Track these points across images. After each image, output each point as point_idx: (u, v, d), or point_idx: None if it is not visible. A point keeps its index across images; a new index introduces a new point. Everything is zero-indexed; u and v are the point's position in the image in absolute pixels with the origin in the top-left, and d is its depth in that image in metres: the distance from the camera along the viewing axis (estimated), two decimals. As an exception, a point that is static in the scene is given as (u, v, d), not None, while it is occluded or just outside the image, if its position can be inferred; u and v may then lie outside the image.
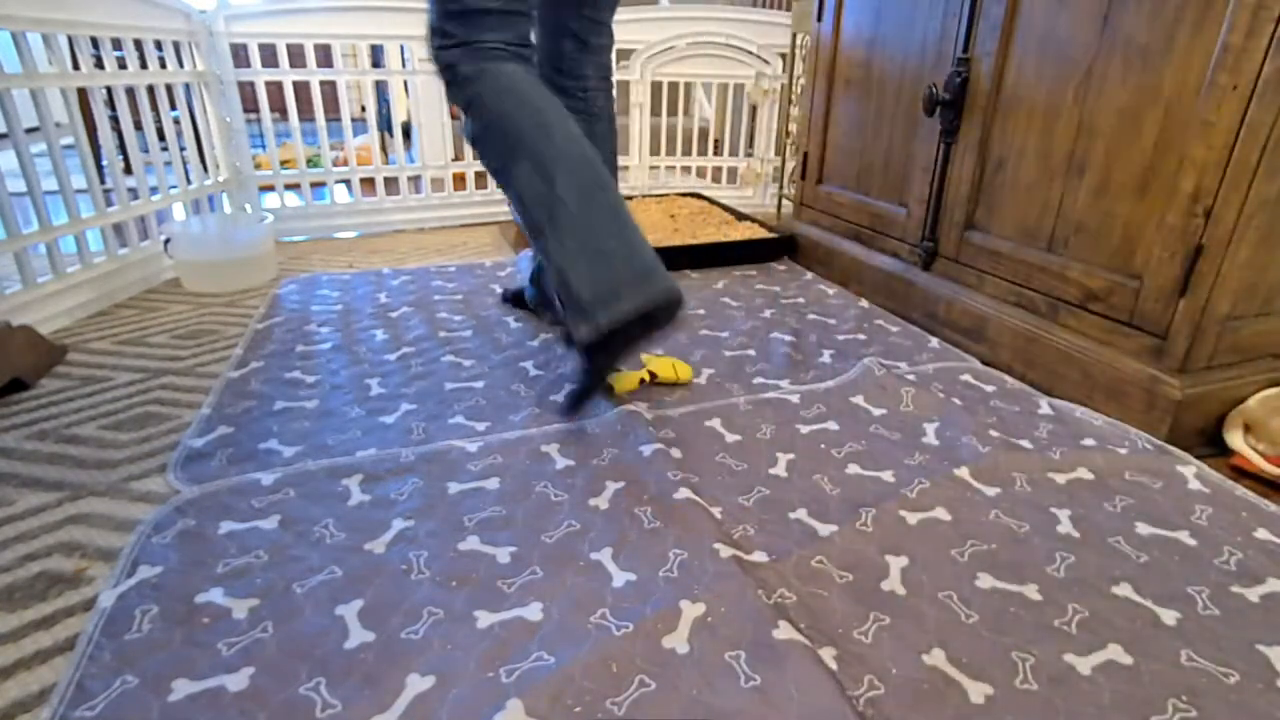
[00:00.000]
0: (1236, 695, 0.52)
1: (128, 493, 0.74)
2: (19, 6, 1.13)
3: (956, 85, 1.12)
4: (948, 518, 0.71)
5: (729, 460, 0.81)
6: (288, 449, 0.82)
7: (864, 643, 0.56)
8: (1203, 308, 0.82)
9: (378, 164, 1.91)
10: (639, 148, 2.16)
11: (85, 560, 0.64)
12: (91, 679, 0.51)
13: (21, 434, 0.85)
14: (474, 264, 1.57)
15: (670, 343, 1.14)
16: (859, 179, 1.44)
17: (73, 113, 1.26)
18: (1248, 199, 0.77)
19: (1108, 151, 0.92)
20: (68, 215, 1.23)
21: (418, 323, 1.21)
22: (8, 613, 0.58)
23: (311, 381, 0.99)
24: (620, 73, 2.07)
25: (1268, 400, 0.85)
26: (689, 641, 0.55)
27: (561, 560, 0.64)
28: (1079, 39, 0.94)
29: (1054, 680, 0.53)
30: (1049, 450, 0.83)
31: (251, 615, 0.57)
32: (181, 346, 1.11)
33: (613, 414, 0.89)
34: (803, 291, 1.41)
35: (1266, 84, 0.73)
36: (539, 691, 0.50)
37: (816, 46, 1.52)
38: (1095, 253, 0.95)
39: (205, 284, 1.38)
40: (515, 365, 1.05)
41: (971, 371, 1.05)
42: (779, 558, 0.65)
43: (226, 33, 1.66)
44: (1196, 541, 0.68)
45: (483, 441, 0.83)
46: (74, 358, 1.06)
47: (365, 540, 0.66)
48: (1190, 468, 0.80)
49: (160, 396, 0.95)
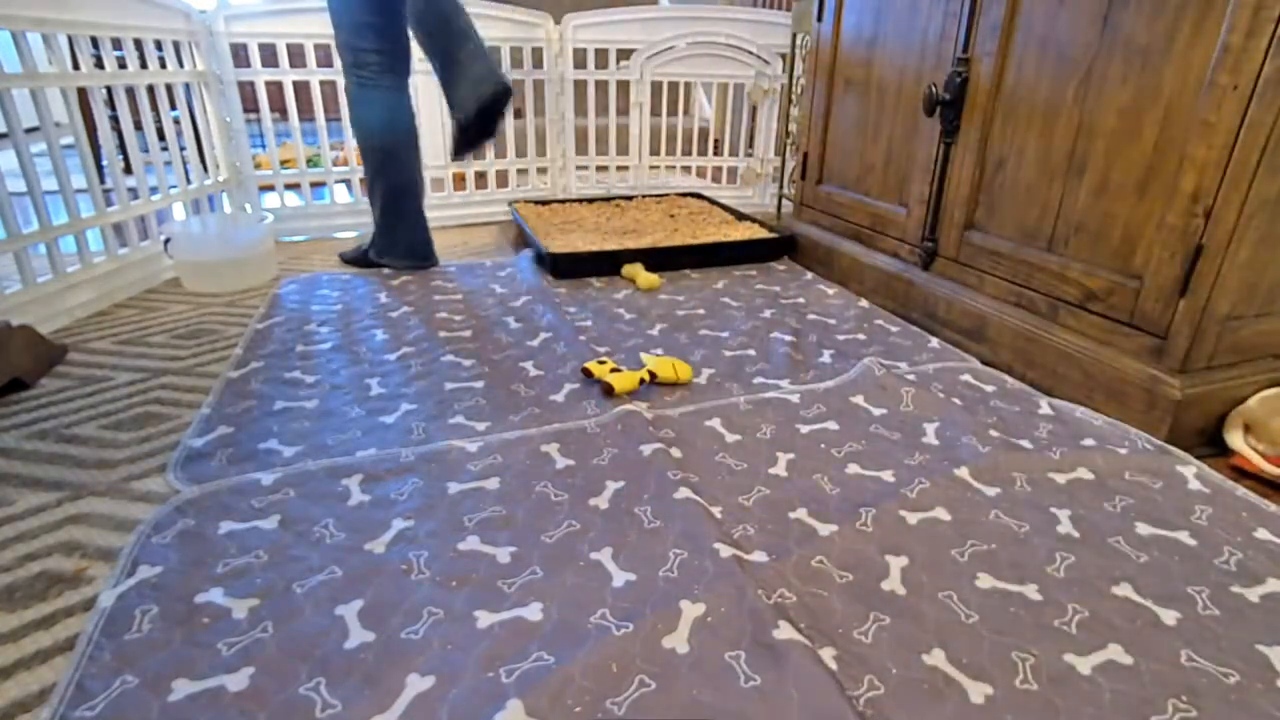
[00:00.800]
0: (1236, 695, 0.52)
1: (128, 493, 0.74)
2: (19, 6, 1.13)
3: (956, 85, 1.12)
4: (948, 518, 0.71)
5: (729, 460, 0.81)
6: (288, 449, 0.82)
7: (864, 643, 0.56)
8: (1203, 308, 0.82)
9: (378, 164, 1.91)
10: (639, 147, 2.16)
11: (85, 560, 0.64)
12: (91, 679, 0.51)
13: (21, 434, 0.85)
14: (474, 264, 1.57)
15: (670, 343, 1.14)
16: (859, 179, 1.44)
17: (73, 113, 1.26)
18: (1248, 199, 0.77)
19: (1108, 151, 0.92)
20: (68, 215, 1.23)
21: (418, 323, 1.21)
22: (8, 613, 0.58)
23: (311, 381, 0.99)
24: (620, 73, 2.07)
25: (1268, 400, 0.85)
26: (689, 641, 0.55)
27: (561, 560, 0.64)
28: (1079, 39, 0.94)
29: (1054, 680, 0.53)
30: (1049, 450, 0.83)
31: (251, 615, 0.57)
32: (181, 346, 1.11)
33: (613, 414, 0.89)
34: (803, 291, 1.41)
35: (1266, 84, 0.73)
36: (539, 691, 0.50)
37: (816, 46, 1.52)
38: (1095, 253, 0.95)
39: (205, 284, 1.38)
40: (515, 365, 1.05)
41: (971, 371, 1.05)
42: (779, 558, 0.65)
43: (226, 32, 1.66)
44: (1196, 541, 0.68)
45: (483, 441, 0.83)
46: (74, 358, 1.06)
47: (365, 540, 0.66)
48: (1190, 468, 0.80)
49: (160, 396, 0.95)
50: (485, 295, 1.36)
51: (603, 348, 1.12)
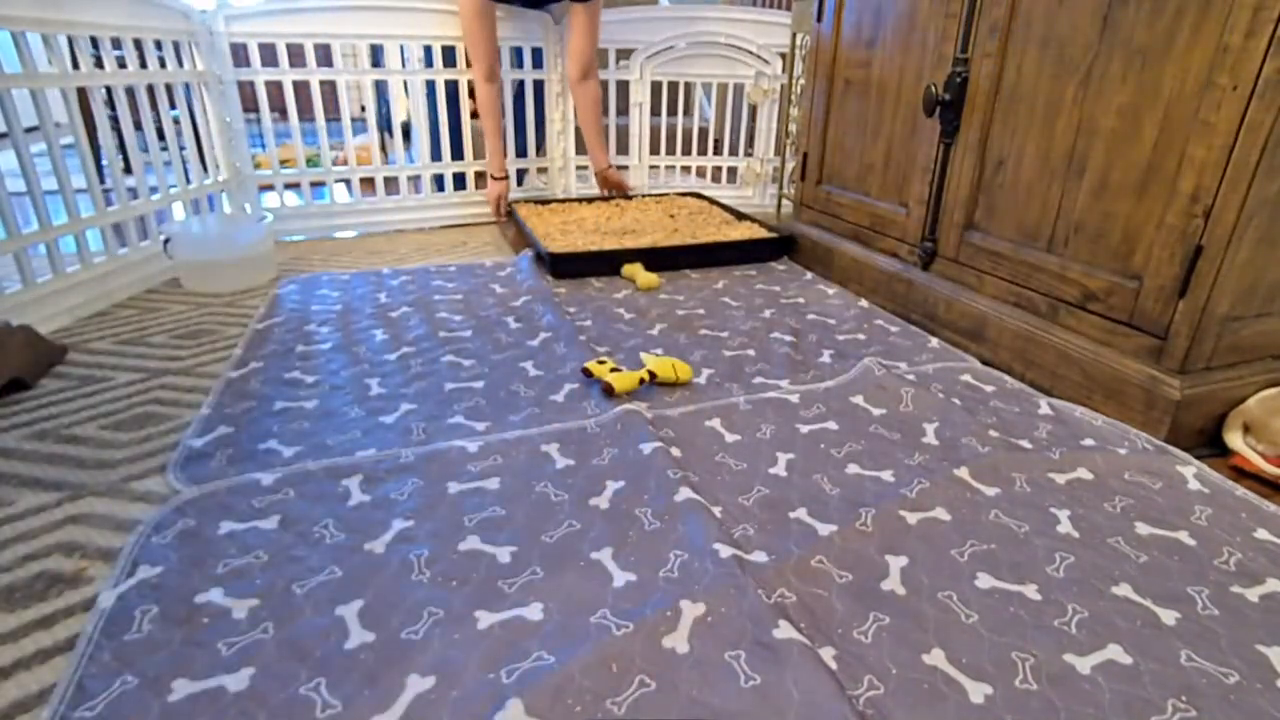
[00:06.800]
0: (1236, 695, 0.52)
1: (128, 493, 0.74)
2: (19, 6, 1.13)
3: (956, 85, 1.12)
4: (948, 518, 0.71)
5: (729, 460, 0.81)
6: (288, 449, 0.82)
7: (864, 643, 0.56)
8: (1202, 308, 0.82)
9: (377, 164, 1.91)
10: (639, 147, 2.16)
11: (85, 560, 0.64)
12: (91, 679, 0.51)
13: (21, 434, 0.85)
14: (474, 264, 1.57)
15: (670, 343, 1.14)
16: (859, 179, 1.44)
17: (72, 112, 1.26)
18: (1247, 199, 0.77)
19: (1107, 152, 0.92)
20: (67, 215, 1.23)
21: (418, 323, 1.21)
22: (8, 613, 0.58)
23: (311, 381, 0.99)
24: (620, 72, 2.07)
25: (1267, 400, 0.85)
26: (689, 641, 0.55)
27: (562, 560, 0.64)
28: (1079, 39, 0.94)
29: (1054, 680, 0.53)
30: (1049, 450, 0.83)
31: (251, 615, 0.57)
32: (181, 346, 1.11)
33: (613, 414, 0.89)
34: (803, 291, 1.41)
35: (1266, 84, 0.73)
36: (539, 691, 0.50)
37: (816, 46, 1.52)
38: (1095, 253, 0.95)
39: (205, 284, 1.38)
40: (515, 365, 1.05)
41: (971, 371, 1.05)
42: (779, 558, 0.65)
43: (226, 32, 1.66)
44: (1196, 542, 0.68)
45: (483, 441, 0.83)
46: (74, 358, 1.06)
47: (365, 540, 0.66)
48: (1190, 468, 0.80)
49: (160, 396, 0.95)
50: (485, 295, 1.36)
51: (603, 348, 1.12)
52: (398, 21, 1.80)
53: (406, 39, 1.84)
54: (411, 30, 1.82)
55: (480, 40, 1.79)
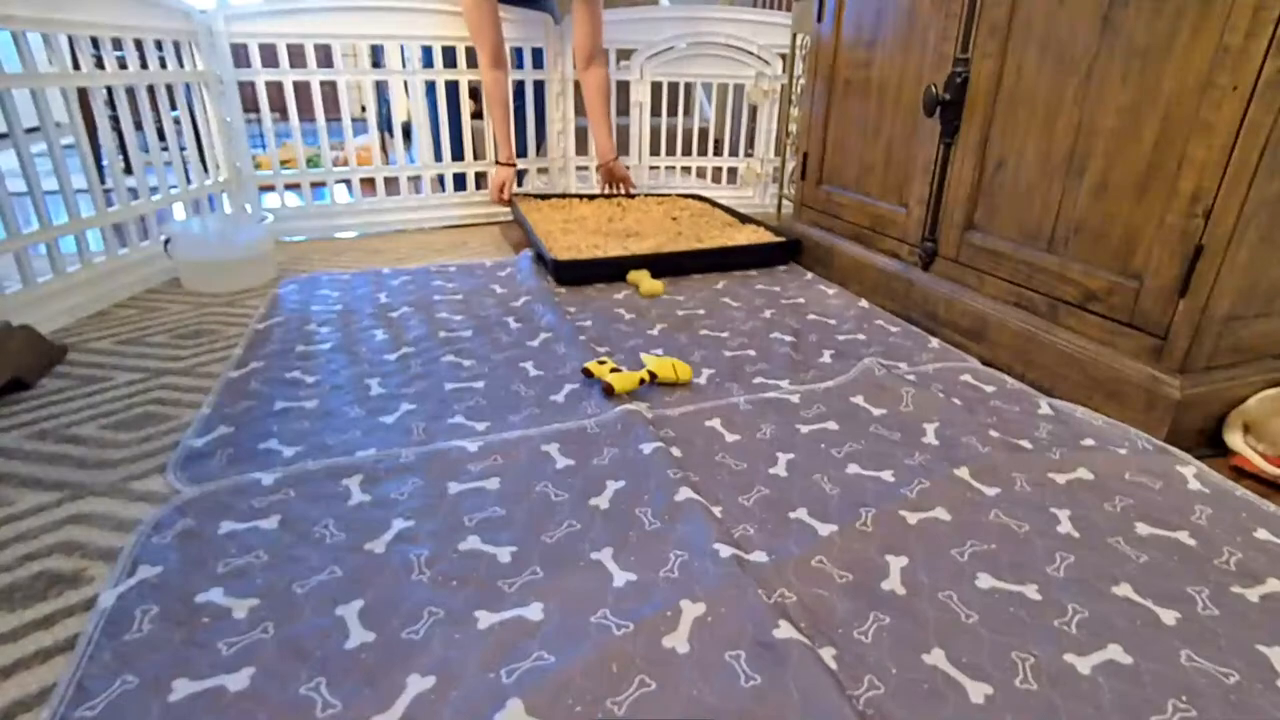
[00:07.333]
0: (1236, 695, 0.52)
1: (128, 493, 0.74)
2: (19, 6, 1.13)
3: (956, 85, 1.12)
4: (948, 518, 0.71)
5: (729, 460, 0.81)
6: (288, 449, 0.82)
7: (864, 643, 0.56)
8: (1202, 308, 0.82)
9: (378, 164, 1.91)
10: (639, 147, 2.16)
11: (85, 560, 0.64)
12: (91, 679, 0.51)
13: (21, 434, 0.85)
14: (474, 264, 1.57)
15: (670, 343, 1.14)
16: (859, 179, 1.44)
17: (73, 113, 1.27)
18: (1247, 199, 0.77)
19: (1107, 152, 0.92)
20: (68, 215, 1.23)
21: (418, 323, 1.21)
22: (8, 613, 0.58)
23: (311, 381, 0.99)
24: (620, 73, 2.07)
25: (1267, 400, 0.85)
26: (689, 641, 0.55)
27: (562, 560, 0.64)
28: (1079, 39, 0.94)
29: (1054, 680, 0.53)
30: (1049, 450, 0.83)
31: (251, 615, 0.57)
32: (181, 346, 1.11)
33: (613, 414, 0.89)
34: (803, 291, 1.41)
35: (1266, 84, 0.73)
36: (539, 691, 0.50)
37: (816, 46, 1.52)
38: (1095, 253, 0.95)
39: (205, 284, 1.38)
40: (515, 365, 1.05)
41: (971, 371, 1.05)
42: (779, 558, 0.65)
43: (226, 33, 1.66)
44: (1196, 541, 0.68)
45: (483, 441, 0.83)
46: (74, 357, 1.06)
47: (365, 540, 0.66)
48: (1190, 468, 0.80)
49: (160, 396, 0.95)
50: (485, 295, 1.36)
51: (603, 348, 1.12)
52: (398, 22, 1.80)
53: (406, 39, 1.84)
54: (411, 30, 1.82)
55: (483, 26, 1.79)
